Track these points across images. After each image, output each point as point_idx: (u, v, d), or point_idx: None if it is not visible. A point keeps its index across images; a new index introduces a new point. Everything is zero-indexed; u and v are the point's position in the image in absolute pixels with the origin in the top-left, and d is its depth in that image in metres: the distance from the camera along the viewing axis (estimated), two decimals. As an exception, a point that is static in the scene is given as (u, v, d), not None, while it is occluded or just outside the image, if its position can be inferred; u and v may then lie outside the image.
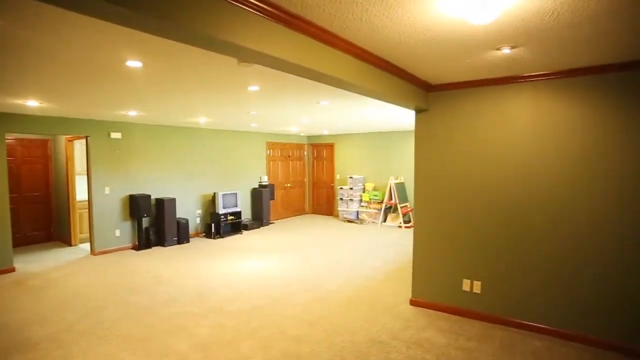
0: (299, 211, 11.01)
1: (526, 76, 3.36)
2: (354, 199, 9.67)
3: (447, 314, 3.90)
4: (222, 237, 7.91)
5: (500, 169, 3.60)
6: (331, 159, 10.76)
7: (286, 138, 10.47)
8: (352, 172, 10.27)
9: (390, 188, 9.04)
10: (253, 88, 3.87)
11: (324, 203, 11.03)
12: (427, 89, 3.84)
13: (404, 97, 3.35)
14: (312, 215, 11.06)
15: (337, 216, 10.50)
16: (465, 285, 3.81)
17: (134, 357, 3.14)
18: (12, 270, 5.68)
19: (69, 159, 7.11)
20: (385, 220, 9.36)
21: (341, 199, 9.87)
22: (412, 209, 9.20)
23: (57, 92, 3.97)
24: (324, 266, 5.73)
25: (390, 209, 9.47)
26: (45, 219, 7.70)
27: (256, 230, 8.77)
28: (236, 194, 8.33)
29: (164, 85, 3.64)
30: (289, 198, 10.67)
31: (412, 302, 4.16)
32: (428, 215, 4.04)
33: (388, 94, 3.07)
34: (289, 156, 10.65)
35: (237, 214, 8.34)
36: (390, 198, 9.09)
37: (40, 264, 6.03)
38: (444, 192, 3.93)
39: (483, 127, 3.67)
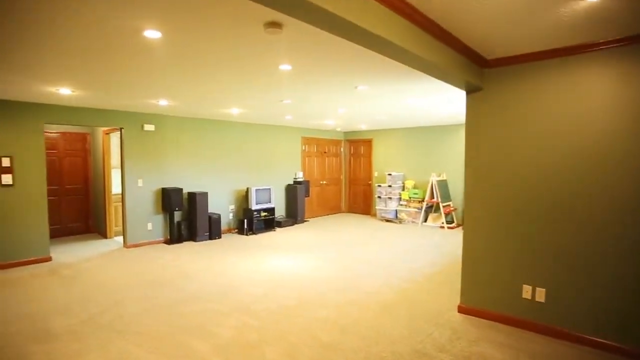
0: (334, 209, 10.63)
1: (612, 41, 2.78)
2: (392, 197, 9.16)
3: (502, 325, 3.36)
4: (254, 233, 7.67)
5: (567, 159, 3.03)
6: (369, 156, 10.30)
7: (322, 133, 10.12)
8: (390, 169, 9.77)
9: (431, 186, 8.46)
10: (285, 67, 3.53)
11: (360, 201, 10.58)
12: (482, 63, 3.34)
13: (453, 69, 2.88)
14: (348, 214, 10.64)
15: (374, 215, 10.03)
16: (526, 292, 3.27)
17: (150, 356, 2.88)
18: (49, 259, 5.70)
19: (106, 152, 7.13)
20: (425, 220, 8.79)
21: (379, 197, 9.39)
22: (455, 209, 8.57)
23: (83, 77, 3.83)
24: (359, 267, 5.30)
25: (431, 208, 8.88)
26: (84, 211, 7.80)
27: (290, 227, 8.47)
28: (270, 189, 8.08)
29: (187, 61, 3.38)
30: (325, 195, 10.31)
31: (461, 309, 3.65)
32: (480, 211, 3.52)
33: (434, 62, 2.62)
34: (325, 152, 10.30)
35: (271, 211, 8.08)
36: (432, 196, 8.50)
37: (75, 255, 6.03)
38: (499, 185, 3.40)
39: (549, 109, 3.12)
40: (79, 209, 7.73)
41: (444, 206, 8.31)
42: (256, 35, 2.66)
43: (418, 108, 6.17)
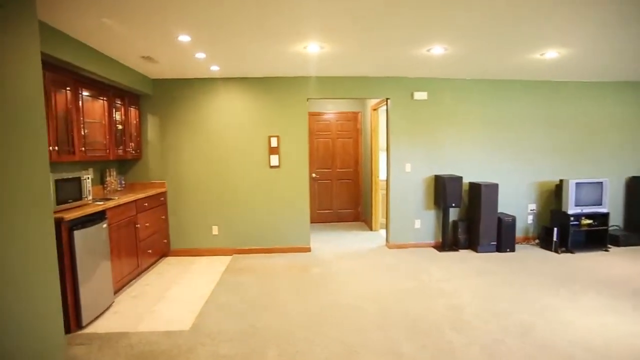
0: None
1: None
2: None
3: None
4: (570, 251, 4.92)
5: None
6: None
7: None
8: None
9: None
10: None
11: None
12: None
13: None
14: None
15: None
16: None
17: None
18: (308, 250, 5.15)
19: (373, 130, 6.14)
20: None
21: None
22: None
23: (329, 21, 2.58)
24: None
25: None
26: (354, 198, 7.20)
27: (634, 248, 5.13)
28: (601, 184, 5.04)
29: None
30: None
31: None
32: None
33: None
34: None
35: (601, 218, 5.04)
36: None
37: (334, 248, 5.29)
38: None
39: None
40: (349, 195, 7.19)
41: None
42: None
43: None
